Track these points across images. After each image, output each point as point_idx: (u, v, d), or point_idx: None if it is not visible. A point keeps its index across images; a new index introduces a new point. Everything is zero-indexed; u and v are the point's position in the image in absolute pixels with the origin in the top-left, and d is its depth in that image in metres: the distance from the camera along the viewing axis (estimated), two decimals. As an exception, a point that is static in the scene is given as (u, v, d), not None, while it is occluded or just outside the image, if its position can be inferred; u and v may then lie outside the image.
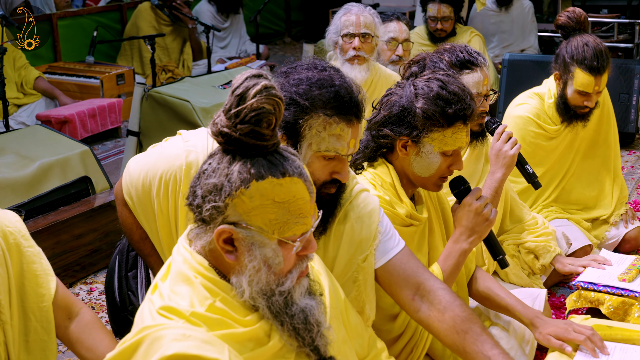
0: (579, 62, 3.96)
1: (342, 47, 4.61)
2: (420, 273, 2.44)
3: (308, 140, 2.29)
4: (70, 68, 7.63)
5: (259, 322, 1.84)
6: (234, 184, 1.75)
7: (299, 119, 2.26)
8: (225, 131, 1.75)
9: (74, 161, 4.63)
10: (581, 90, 4.00)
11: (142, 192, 2.68)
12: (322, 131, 2.27)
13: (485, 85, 3.31)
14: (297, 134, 2.29)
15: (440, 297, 2.38)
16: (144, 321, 1.77)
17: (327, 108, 2.26)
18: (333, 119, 2.26)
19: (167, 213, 2.66)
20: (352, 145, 2.32)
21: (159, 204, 2.65)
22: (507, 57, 6.80)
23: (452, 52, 3.26)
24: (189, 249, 1.86)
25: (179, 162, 2.60)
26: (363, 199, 2.50)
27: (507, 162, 3.26)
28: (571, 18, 4.09)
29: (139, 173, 2.68)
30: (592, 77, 3.95)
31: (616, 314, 3.15)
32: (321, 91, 2.26)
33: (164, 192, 2.63)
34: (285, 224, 1.79)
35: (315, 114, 2.26)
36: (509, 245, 3.77)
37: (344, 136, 2.29)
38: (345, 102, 2.27)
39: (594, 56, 3.93)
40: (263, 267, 1.79)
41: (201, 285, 1.80)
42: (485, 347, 2.28)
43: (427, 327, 2.43)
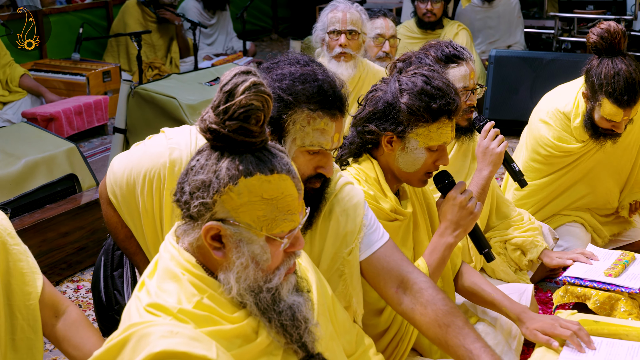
0: (607, 94, 3.66)
1: (329, 44, 4.62)
2: (404, 266, 2.45)
3: (292, 135, 2.30)
4: (56, 65, 7.60)
5: (247, 318, 1.84)
6: (222, 181, 1.75)
7: (283, 114, 2.27)
8: (214, 127, 1.75)
9: (60, 159, 4.61)
10: (609, 119, 3.75)
11: (126, 190, 2.68)
12: (306, 126, 2.28)
13: (471, 79, 3.32)
14: (281, 129, 2.30)
15: (423, 291, 2.39)
16: (131, 318, 1.77)
17: (310, 103, 2.27)
18: (317, 113, 2.27)
19: (151, 212, 2.66)
20: (336, 139, 2.34)
21: (143, 202, 2.65)
22: (494, 54, 6.83)
23: (437, 47, 3.28)
24: (176, 246, 1.86)
25: (162, 159, 2.60)
26: (347, 192, 2.51)
27: (494, 159, 3.26)
28: (604, 38, 3.70)
29: (123, 171, 2.68)
30: (620, 110, 3.68)
31: (602, 308, 3.16)
32: (304, 86, 2.27)
33: (148, 191, 2.63)
34: (273, 221, 1.79)
35: (299, 109, 2.27)
36: (496, 243, 3.77)
37: (328, 130, 2.30)
38: (328, 97, 2.29)
39: (624, 89, 3.62)
40: (251, 264, 1.79)
41: (188, 282, 1.80)
42: (467, 341, 2.28)
43: (410, 320, 2.43)
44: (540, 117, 4.09)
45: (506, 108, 6.70)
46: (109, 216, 2.79)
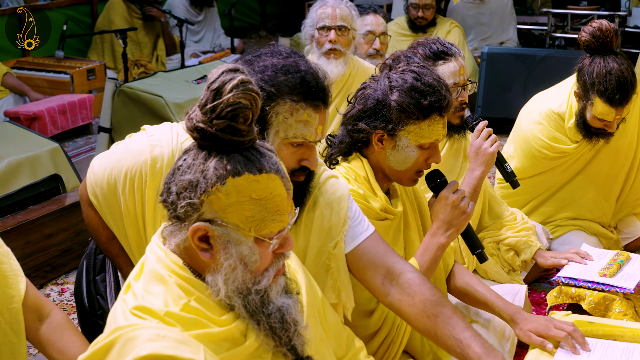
0: (599, 93, 3.68)
1: (318, 41, 4.61)
2: (389, 257, 2.46)
3: (275, 127, 2.32)
4: (39, 63, 7.57)
5: (235, 321, 1.84)
6: (210, 180, 1.74)
7: (266, 105, 2.29)
8: (201, 126, 1.75)
9: (43, 159, 4.60)
10: (600, 118, 3.77)
11: (107, 190, 2.67)
12: (289, 117, 2.30)
13: (462, 74, 3.32)
14: (264, 121, 2.31)
15: (410, 281, 2.40)
16: (117, 321, 1.77)
17: (293, 94, 2.29)
18: (300, 104, 2.29)
19: (134, 211, 2.65)
20: (320, 131, 2.36)
21: (125, 202, 2.64)
22: (486, 51, 6.84)
23: (425, 45, 3.29)
24: (162, 247, 1.86)
25: (143, 157, 2.59)
26: (332, 185, 2.53)
27: (487, 159, 3.27)
28: (596, 37, 3.72)
29: (104, 171, 2.67)
30: (612, 109, 3.70)
31: (597, 309, 3.17)
32: (287, 77, 2.29)
33: (129, 189, 2.61)
34: (262, 221, 1.79)
35: (281, 101, 2.29)
36: (489, 243, 3.78)
37: (311, 122, 2.32)
38: (311, 88, 2.30)
39: (616, 88, 3.64)
40: (239, 266, 1.79)
41: (175, 285, 1.80)
42: (456, 330, 2.30)
43: (397, 312, 2.44)
44: (533, 119, 4.09)
45: (499, 106, 6.71)
46: (90, 218, 2.77)
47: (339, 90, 4.68)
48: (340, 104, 4.61)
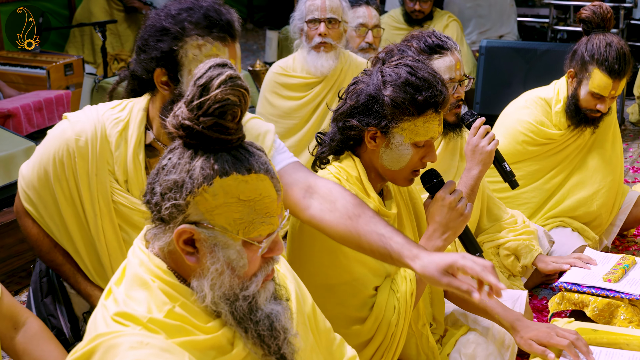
0: (599, 63, 3.94)
1: (308, 34, 4.62)
2: (311, 177, 2.55)
3: (187, 67, 2.48)
4: (13, 57, 7.54)
5: (222, 329, 1.84)
6: (196, 181, 1.74)
7: (174, 46, 2.46)
8: (187, 124, 1.75)
9: (18, 158, 4.59)
10: (596, 92, 3.99)
11: (39, 186, 2.71)
12: (199, 54, 2.46)
13: (458, 69, 3.32)
14: (175, 62, 2.48)
15: (331, 189, 2.46)
16: (97, 328, 1.77)
17: (198, 29, 2.46)
18: (206, 39, 2.46)
19: (69, 196, 2.69)
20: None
21: (60, 188, 2.69)
22: (485, 44, 6.84)
23: (420, 38, 3.28)
24: (145, 251, 1.85)
25: (66, 136, 2.66)
26: (255, 123, 2.71)
27: (484, 158, 3.27)
28: (597, 13, 4.03)
29: (32, 170, 2.73)
30: (610, 80, 3.94)
31: (601, 316, 3.18)
32: (190, 14, 2.47)
33: (61, 172, 2.67)
34: (250, 224, 1.78)
35: (188, 38, 2.46)
36: (488, 248, 3.79)
37: (221, 56, 2.46)
38: (215, 21, 2.47)
39: (615, 58, 3.92)
40: (226, 270, 1.79)
41: (159, 290, 1.79)
42: (378, 226, 2.35)
43: (319, 223, 2.47)
44: (519, 105, 4.28)
45: (497, 102, 6.70)
46: (28, 229, 2.82)
47: (331, 86, 4.69)
48: (332, 101, 4.63)
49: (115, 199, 2.68)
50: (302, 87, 4.72)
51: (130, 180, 2.67)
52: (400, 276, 2.70)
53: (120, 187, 2.67)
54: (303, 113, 4.73)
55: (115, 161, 2.65)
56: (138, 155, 2.65)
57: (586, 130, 4.20)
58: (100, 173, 2.65)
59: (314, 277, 2.63)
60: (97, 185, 2.66)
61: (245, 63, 9.17)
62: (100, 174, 2.65)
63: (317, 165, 2.79)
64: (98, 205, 2.68)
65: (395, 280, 2.71)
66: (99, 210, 2.69)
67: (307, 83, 4.71)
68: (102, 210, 2.69)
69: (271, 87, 4.79)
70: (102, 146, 2.64)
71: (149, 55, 2.53)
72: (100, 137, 2.64)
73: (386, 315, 2.66)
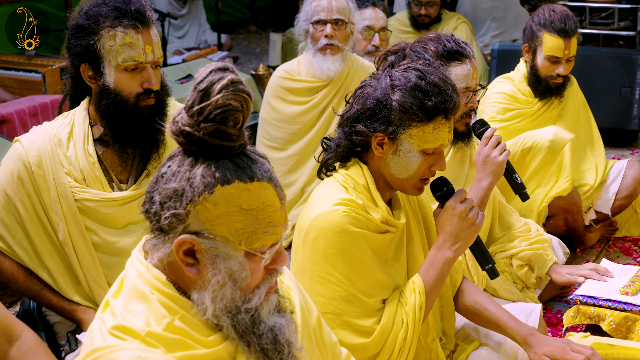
0: (546, 27, 4.39)
1: (313, 36, 4.62)
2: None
3: (107, 58, 2.80)
4: (7, 61, 7.56)
5: (223, 342, 1.83)
6: (197, 189, 1.74)
7: (90, 40, 2.79)
8: (187, 130, 1.75)
9: (12, 165, 4.59)
10: (551, 55, 4.42)
11: (3, 212, 2.93)
12: (114, 44, 2.78)
13: (474, 78, 3.32)
14: (96, 56, 2.81)
15: None
16: (94, 342, 1.76)
17: (109, 21, 2.78)
18: (117, 29, 2.78)
19: (33, 211, 2.91)
20: (149, 51, 2.83)
21: (23, 206, 2.89)
22: (497, 47, 6.82)
23: (439, 41, 3.26)
24: (144, 262, 1.85)
25: (18, 152, 2.91)
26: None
27: (495, 169, 3.28)
28: None
29: None
30: (560, 40, 4.38)
31: (618, 330, 3.17)
32: (100, 8, 2.79)
33: (20, 189, 2.90)
34: (253, 234, 1.78)
35: (102, 31, 2.78)
36: (501, 259, 3.78)
37: (135, 43, 2.79)
38: (124, 11, 2.78)
39: (561, 19, 4.37)
40: (228, 282, 1.78)
41: (158, 302, 1.79)
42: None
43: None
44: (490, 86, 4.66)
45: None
46: (1, 266, 2.96)
47: (337, 90, 4.69)
48: (338, 105, 4.63)
49: (78, 197, 2.87)
50: (307, 92, 4.72)
51: (87, 176, 2.88)
52: (409, 288, 2.70)
53: (80, 184, 2.87)
54: (308, 118, 4.73)
55: (69, 162, 2.87)
56: (88, 150, 2.90)
57: (554, 101, 4.56)
58: (57, 177, 2.86)
59: (319, 288, 2.63)
60: (57, 189, 2.85)
61: (248, 67, 9.19)
62: (58, 177, 2.86)
63: (323, 172, 2.78)
64: (62, 210, 2.86)
65: (403, 293, 2.70)
66: (62, 215, 2.86)
67: (312, 87, 4.71)
68: (66, 215, 2.86)
69: (275, 91, 4.80)
70: (54, 151, 2.87)
71: (72, 53, 2.86)
72: (50, 145, 2.88)
73: (394, 329, 2.64)
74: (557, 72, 4.45)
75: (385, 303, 2.70)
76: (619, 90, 6.41)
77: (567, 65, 4.46)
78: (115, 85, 2.83)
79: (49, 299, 2.95)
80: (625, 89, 6.42)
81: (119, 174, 2.97)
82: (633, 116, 6.46)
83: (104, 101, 2.84)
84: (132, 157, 2.98)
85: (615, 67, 6.38)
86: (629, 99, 6.43)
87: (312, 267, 2.63)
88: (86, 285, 2.93)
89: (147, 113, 2.88)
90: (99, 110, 2.87)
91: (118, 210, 2.92)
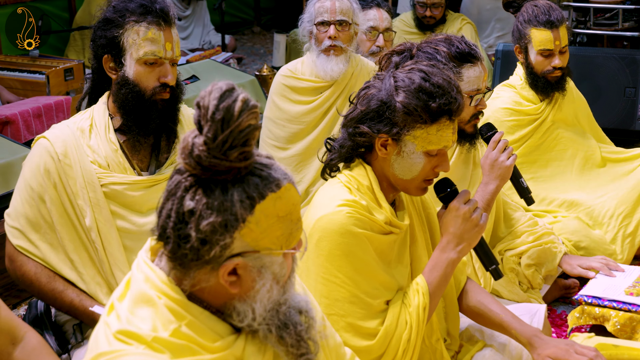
0: (531, 22, 4.35)
1: (317, 37, 4.62)
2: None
3: (129, 51, 2.96)
4: (12, 62, 7.56)
5: (231, 346, 1.84)
6: (240, 215, 1.74)
7: (116, 33, 2.96)
8: (215, 162, 1.72)
9: (17, 167, 4.60)
10: (542, 49, 4.34)
11: (28, 208, 3.01)
12: (137, 38, 2.94)
13: (484, 81, 3.34)
14: (119, 48, 2.98)
15: None
16: (99, 347, 1.76)
17: (135, 16, 2.95)
18: (142, 24, 2.94)
19: (58, 200, 2.99)
20: (169, 48, 2.99)
21: (49, 196, 3.00)
22: (501, 48, 6.81)
23: (450, 43, 3.25)
24: (151, 265, 1.84)
25: (44, 145, 3.02)
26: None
27: (502, 173, 3.29)
28: None
29: (20, 198, 3.04)
30: (548, 32, 4.31)
31: (623, 331, 3.17)
32: (127, 4, 2.97)
33: (47, 179, 3.00)
34: (290, 236, 1.83)
35: (127, 25, 2.95)
36: (510, 256, 3.78)
37: (157, 39, 2.95)
38: (149, 9, 2.96)
39: (545, 11, 4.32)
40: (274, 285, 1.82)
41: (165, 307, 1.78)
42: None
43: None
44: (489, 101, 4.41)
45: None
46: (23, 267, 3.01)
47: (341, 91, 4.68)
48: (342, 106, 4.62)
49: (104, 182, 2.98)
50: (311, 91, 4.72)
51: (110, 162, 2.99)
52: (412, 289, 2.70)
53: (105, 170, 2.98)
54: (311, 118, 4.72)
55: (93, 150, 2.99)
56: (110, 138, 3.03)
57: (558, 96, 4.48)
58: (83, 165, 2.97)
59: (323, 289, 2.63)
60: (83, 177, 2.96)
61: (252, 67, 9.20)
62: (83, 165, 2.97)
63: (327, 173, 2.78)
64: (88, 196, 2.96)
65: (407, 294, 2.70)
66: (89, 201, 2.96)
67: (316, 87, 4.70)
68: (92, 201, 2.96)
69: (279, 90, 4.79)
70: (78, 142, 2.99)
71: (97, 44, 3.02)
72: (74, 136, 2.99)
73: (398, 330, 2.64)
74: (553, 65, 4.37)
75: (389, 304, 2.70)
76: (623, 90, 6.40)
77: (562, 56, 4.39)
78: (134, 77, 2.98)
79: (71, 299, 2.97)
80: (630, 89, 6.41)
81: (139, 162, 3.08)
82: (637, 117, 6.45)
83: (123, 90, 2.99)
84: (148, 148, 3.10)
85: (620, 68, 6.36)
86: (633, 99, 6.42)
87: (316, 269, 2.63)
88: (110, 273, 2.98)
89: (162, 106, 3.03)
90: (117, 100, 3.02)
91: (143, 193, 3.03)
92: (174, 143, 3.12)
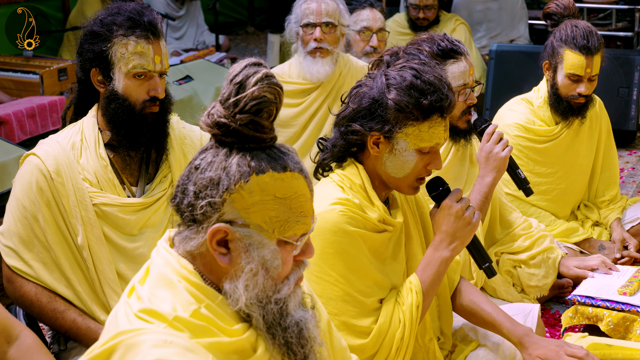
0: (568, 43, 4.15)
1: (303, 39, 4.61)
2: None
3: (117, 65, 2.90)
4: (5, 62, 7.56)
5: (246, 332, 1.85)
6: (233, 178, 1.79)
7: (103, 47, 2.89)
8: (223, 121, 1.80)
9: (11, 167, 4.60)
10: (572, 73, 4.16)
11: (20, 227, 2.93)
12: (125, 52, 2.88)
13: (471, 75, 3.34)
14: (107, 62, 2.91)
15: None
16: (119, 325, 1.77)
17: (122, 30, 2.89)
18: (130, 38, 2.88)
19: (51, 218, 2.91)
20: (157, 61, 2.94)
21: (42, 215, 2.91)
22: (495, 48, 6.84)
23: (432, 41, 3.28)
24: (171, 251, 1.88)
25: (35, 162, 2.93)
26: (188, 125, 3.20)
27: (498, 165, 3.29)
28: (559, 5, 4.29)
29: (8, 218, 2.96)
30: (582, 57, 4.12)
31: (616, 331, 3.18)
32: (115, 17, 2.90)
33: (39, 198, 2.91)
34: (286, 222, 1.83)
35: (115, 39, 2.88)
36: (508, 260, 3.79)
37: (145, 52, 2.90)
38: (137, 22, 2.89)
39: (583, 35, 4.11)
40: (261, 271, 1.82)
41: (185, 290, 1.81)
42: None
43: None
44: (507, 108, 4.47)
45: (509, 108, 6.72)
46: (22, 288, 2.94)
47: (328, 92, 4.68)
48: (332, 105, 4.62)
49: (96, 202, 2.92)
50: (299, 94, 4.71)
51: (100, 179, 2.94)
52: (406, 288, 2.70)
53: (96, 189, 2.93)
54: (301, 120, 4.72)
55: (84, 167, 2.93)
56: (100, 153, 2.97)
57: (574, 122, 4.34)
58: (75, 182, 2.91)
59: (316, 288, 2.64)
60: (76, 195, 2.91)
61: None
62: (75, 183, 2.91)
63: (320, 173, 2.79)
64: (80, 215, 2.90)
65: (400, 293, 2.71)
66: (81, 220, 2.90)
67: (303, 89, 4.70)
68: (84, 219, 2.90)
69: (268, 95, 4.79)
70: (69, 158, 2.92)
71: (84, 57, 2.95)
72: (64, 152, 2.93)
73: (391, 328, 2.65)
74: (578, 91, 4.19)
75: (382, 303, 2.70)
76: (617, 90, 6.42)
77: (589, 84, 4.20)
78: (123, 91, 2.92)
79: (73, 319, 2.91)
80: (623, 89, 6.43)
81: (129, 177, 3.03)
82: (630, 117, 6.48)
83: (112, 105, 2.94)
84: (138, 161, 3.05)
85: (613, 68, 6.38)
86: (627, 99, 6.44)
87: (310, 267, 2.63)
88: (100, 291, 2.94)
89: (152, 120, 2.98)
90: (106, 114, 2.96)
91: (135, 217, 2.97)
92: (164, 155, 3.08)
